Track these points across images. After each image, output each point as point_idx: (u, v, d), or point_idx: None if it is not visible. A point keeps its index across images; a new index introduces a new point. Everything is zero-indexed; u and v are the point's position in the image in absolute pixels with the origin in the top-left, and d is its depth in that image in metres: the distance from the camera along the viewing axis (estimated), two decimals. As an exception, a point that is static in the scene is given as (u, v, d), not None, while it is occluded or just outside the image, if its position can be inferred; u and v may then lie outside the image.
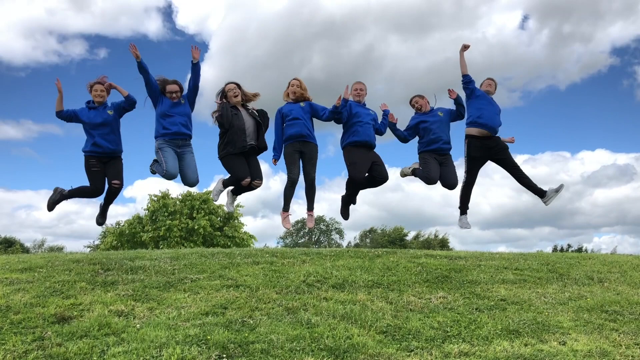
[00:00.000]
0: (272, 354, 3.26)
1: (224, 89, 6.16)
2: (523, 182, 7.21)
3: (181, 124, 5.82)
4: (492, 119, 6.98)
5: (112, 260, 5.72)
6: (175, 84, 5.85)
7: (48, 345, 3.29)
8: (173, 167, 5.71)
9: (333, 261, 5.91)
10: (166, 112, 5.78)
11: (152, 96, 5.87)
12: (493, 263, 6.16)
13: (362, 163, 6.58)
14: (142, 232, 24.82)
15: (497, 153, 7.06)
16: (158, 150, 5.77)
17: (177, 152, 5.81)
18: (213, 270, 5.31)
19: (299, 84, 6.55)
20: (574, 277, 5.70)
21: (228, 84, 6.19)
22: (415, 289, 4.96)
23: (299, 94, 6.46)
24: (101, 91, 5.76)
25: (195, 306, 4.14)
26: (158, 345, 3.27)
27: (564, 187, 7.01)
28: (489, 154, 7.07)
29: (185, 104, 5.92)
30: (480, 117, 6.94)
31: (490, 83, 7.35)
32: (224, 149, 5.96)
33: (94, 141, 5.69)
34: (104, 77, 5.93)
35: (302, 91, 6.51)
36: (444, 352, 3.49)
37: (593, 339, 3.84)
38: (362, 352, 3.38)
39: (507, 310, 4.43)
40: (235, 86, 6.15)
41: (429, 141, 6.81)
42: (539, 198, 7.21)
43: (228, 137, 5.93)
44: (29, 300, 4.15)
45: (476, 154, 6.98)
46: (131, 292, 4.49)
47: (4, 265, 5.49)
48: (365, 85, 7.05)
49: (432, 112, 6.97)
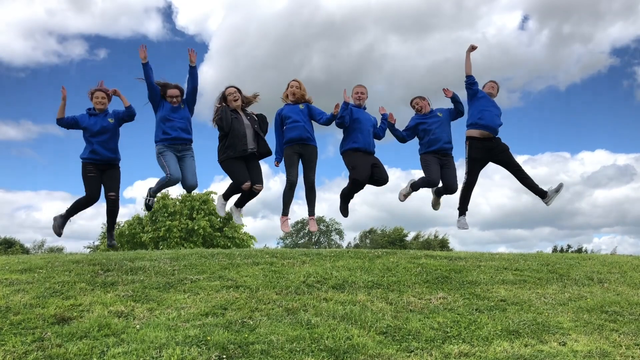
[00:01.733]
0: (272, 354, 3.26)
1: (224, 93, 6.16)
2: (525, 182, 7.23)
3: (181, 128, 5.82)
4: (493, 120, 7.00)
5: (112, 260, 5.72)
6: (176, 89, 5.85)
7: (48, 346, 3.30)
8: (176, 170, 5.69)
9: (333, 262, 5.91)
10: (166, 116, 5.78)
11: (153, 100, 5.86)
12: (493, 264, 6.16)
13: (363, 166, 6.60)
14: (141, 232, 24.83)
15: (498, 154, 7.09)
16: (159, 155, 5.76)
17: (178, 156, 5.81)
18: (213, 271, 5.31)
19: (298, 85, 6.53)
20: (574, 277, 5.70)
21: (228, 88, 6.18)
22: (415, 289, 4.96)
23: (298, 96, 6.44)
24: (102, 98, 5.77)
25: (195, 307, 4.14)
26: (158, 346, 3.27)
27: (563, 186, 7.03)
28: (490, 155, 7.09)
29: (185, 109, 5.92)
30: (481, 119, 6.96)
31: (492, 85, 7.38)
32: (224, 153, 5.95)
33: (92, 148, 5.69)
34: (101, 82, 5.94)
35: (302, 92, 6.49)
36: (444, 353, 3.49)
37: (593, 339, 3.84)
38: (362, 352, 3.38)
39: (507, 311, 4.43)
40: (236, 90, 6.14)
41: (429, 142, 6.83)
42: (540, 199, 7.23)
43: (228, 141, 5.92)
44: (28, 301, 4.15)
45: (477, 155, 7.00)
46: (131, 292, 4.49)
47: (4, 266, 5.49)
48: (366, 88, 7.04)
49: (431, 113, 6.99)
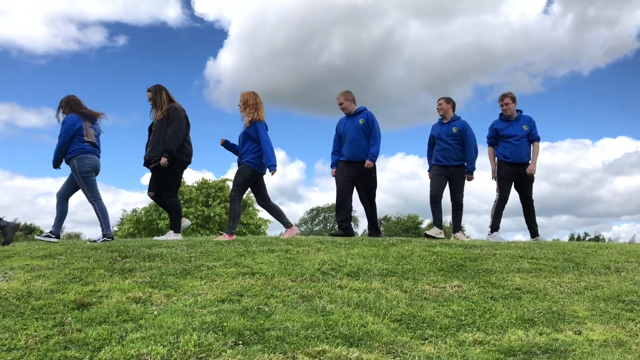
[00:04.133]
0: (288, 340, 3.29)
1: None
2: (528, 216, 7.67)
3: None
4: (518, 153, 7.48)
5: (130, 247, 5.80)
6: None
7: (68, 330, 3.36)
8: None
9: (348, 249, 5.93)
10: None
11: None
12: (508, 252, 6.13)
13: (339, 183, 7.57)
14: (158, 219, 25.06)
15: (523, 179, 7.46)
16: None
17: None
18: (229, 258, 5.36)
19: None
20: (590, 266, 5.66)
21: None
22: (430, 277, 4.97)
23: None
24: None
25: (212, 293, 4.19)
26: (175, 332, 3.32)
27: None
28: (517, 178, 7.47)
29: None
30: (506, 157, 7.44)
31: (506, 103, 7.68)
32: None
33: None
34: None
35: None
36: (458, 341, 3.50)
37: (609, 328, 3.82)
38: (377, 339, 3.40)
39: (522, 299, 4.42)
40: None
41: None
42: (529, 234, 7.89)
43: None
44: (49, 287, 4.23)
45: (507, 176, 7.39)
46: (148, 279, 4.55)
47: (25, 251, 5.60)
48: (343, 94, 7.50)
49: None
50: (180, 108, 6.75)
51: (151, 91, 6.80)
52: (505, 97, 7.49)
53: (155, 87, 6.83)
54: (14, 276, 4.54)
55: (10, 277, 4.53)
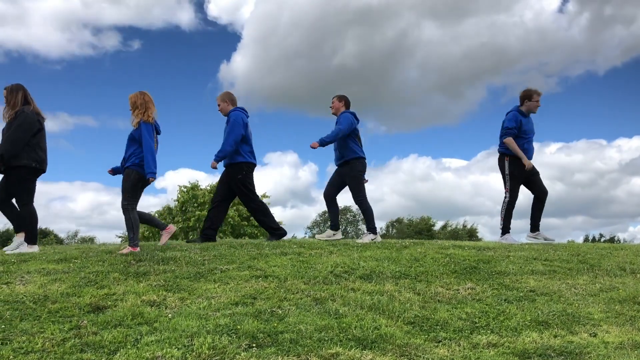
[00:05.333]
0: (301, 343, 3.30)
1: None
2: (535, 209, 7.62)
3: None
4: (532, 150, 7.56)
5: (144, 251, 5.85)
6: None
7: (84, 333, 3.40)
8: None
9: (360, 252, 5.93)
10: None
11: None
12: (522, 254, 6.10)
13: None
14: (172, 222, 25.20)
15: (533, 174, 7.41)
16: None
17: None
18: (242, 261, 5.38)
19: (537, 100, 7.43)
20: (605, 268, 5.61)
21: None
22: (443, 280, 4.95)
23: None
24: None
25: (225, 296, 4.21)
26: (189, 335, 3.35)
27: (553, 242, 7.50)
28: (527, 174, 7.43)
29: None
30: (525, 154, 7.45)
31: (537, 101, 7.71)
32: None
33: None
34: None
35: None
36: (472, 343, 3.48)
37: (625, 330, 3.79)
38: (390, 342, 3.40)
39: (536, 302, 4.39)
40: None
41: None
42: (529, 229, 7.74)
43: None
44: (65, 290, 4.28)
45: (521, 176, 7.34)
46: (163, 282, 4.58)
47: (41, 255, 5.67)
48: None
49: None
50: (33, 112, 6.31)
51: (7, 89, 6.37)
52: (539, 94, 7.43)
53: (12, 86, 6.39)
54: (30, 280, 4.60)
55: (27, 280, 4.59)
